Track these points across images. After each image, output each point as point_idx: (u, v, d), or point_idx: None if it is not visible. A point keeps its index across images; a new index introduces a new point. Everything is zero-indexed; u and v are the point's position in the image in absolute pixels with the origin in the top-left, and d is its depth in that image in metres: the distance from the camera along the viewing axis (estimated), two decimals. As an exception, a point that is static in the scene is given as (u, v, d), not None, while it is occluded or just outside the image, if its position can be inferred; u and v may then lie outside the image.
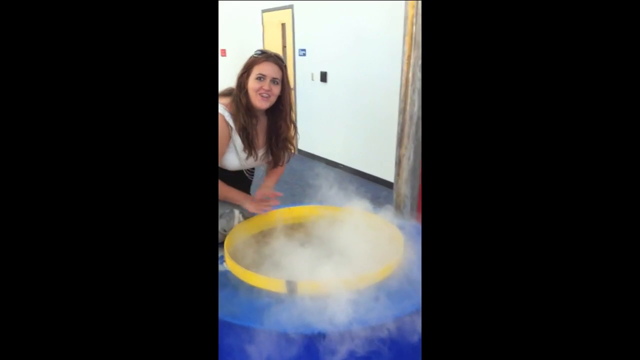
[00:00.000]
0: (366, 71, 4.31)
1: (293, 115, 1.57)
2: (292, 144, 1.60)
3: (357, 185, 1.50)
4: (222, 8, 6.96)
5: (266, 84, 1.41)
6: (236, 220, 1.51)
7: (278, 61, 1.44)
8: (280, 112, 1.51)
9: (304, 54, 5.33)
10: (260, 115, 1.50)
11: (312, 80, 5.22)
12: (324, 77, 5.01)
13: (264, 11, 6.03)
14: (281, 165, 1.66)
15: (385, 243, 1.38)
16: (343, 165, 4.93)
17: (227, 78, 1.54)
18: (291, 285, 1.12)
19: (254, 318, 1.02)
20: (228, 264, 1.26)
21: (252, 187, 1.76)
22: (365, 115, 4.44)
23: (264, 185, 1.64)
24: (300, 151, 5.83)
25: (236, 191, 1.50)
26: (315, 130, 5.43)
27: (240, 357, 1.04)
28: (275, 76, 1.43)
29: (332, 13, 4.67)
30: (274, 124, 1.54)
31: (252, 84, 1.41)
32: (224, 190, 1.48)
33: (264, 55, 1.43)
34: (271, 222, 1.57)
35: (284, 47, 5.77)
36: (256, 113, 1.47)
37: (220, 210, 1.48)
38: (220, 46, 7.01)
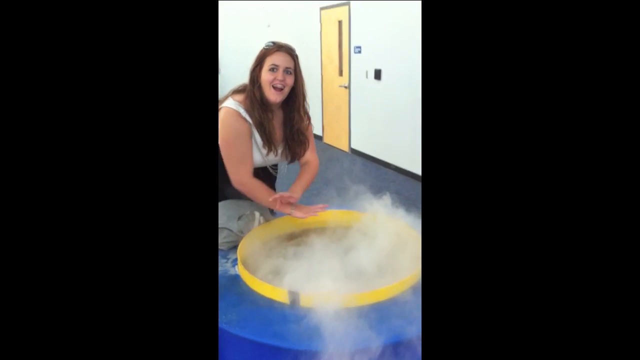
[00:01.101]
0: (420, 69, 4.14)
1: (307, 106, 1.51)
2: (305, 136, 1.53)
3: (408, 187, 1.42)
4: (281, 5, 7.04)
5: (280, 74, 1.38)
6: (256, 223, 1.49)
7: (290, 51, 1.41)
8: (294, 103, 1.47)
9: (359, 52, 5.24)
10: (275, 109, 1.46)
11: (367, 77, 5.13)
12: (378, 74, 4.90)
13: (322, 8, 6.01)
14: (308, 162, 1.59)
15: (405, 254, 1.30)
16: (394, 166, 4.80)
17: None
18: (293, 296, 1.07)
19: (249, 327, 0.99)
20: (239, 268, 1.24)
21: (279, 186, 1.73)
22: (419, 114, 4.28)
23: (293, 189, 1.54)
24: (354, 151, 5.76)
25: (265, 195, 1.42)
26: (369, 129, 5.34)
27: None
28: (288, 66, 1.39)
29: (388, 10, 4.55)
30: (288, 116, 1.49)
31: (265, 75, 1.38)
32: (264, 192, 1.42)
33: (276, 46, 1.39)
34: (289, 226, 1.53)
35: (340, 44, 5.72)
36: (271, 107, 1.44)
37: (240, 212, 1.46)
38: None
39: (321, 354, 0.91)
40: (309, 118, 1.54)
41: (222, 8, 9.05)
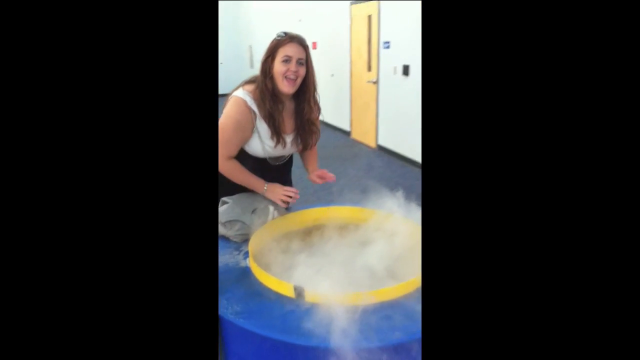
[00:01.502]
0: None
1: (317, 97, 1.53)
2: (316, 126, 1.55)
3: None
4: (312, 1, 7.03)
5: (293, 66, 1.38)
6: (270, 217, 1.50)
7: (302, 42, 1.41)
8: (305, 94, 1.48)
9: (388, 47, 5.18)
10: (286, 100, 1.47)
11: (395, 74, 5.07)
12: (406, 70, 4.83)
13: (352, 3, 5.97)
14: (310, 150, 1.64)
15: (414, 256, 1.28)
16: (420, 164, 4.73)
17: (319, 70, 1.56)
18: (298, 291, 1.08)
19: (255, 320, 1.00)
20: (250, 261, 1.25)
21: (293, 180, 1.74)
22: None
23: (311, 170, 1.65)
24: (380, 148, 5.71)
25: (251, 176, 1.48)
26: (396, 126, 5.28)
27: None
28: (300, 57, 1.40)
29: (417, 6, 4.47)
30: (299, 106, 1.50)
31: (278, 67, 1.38)
32: (238, 173, 1.47)
33: (288, 37, 1.39)
34: (303, 221, 1.53)
35: (370, 39, 5.67)
36: (282, 98, 1.45)
37: (254, 205, 1.48)
38: (312, 39, 7.10)
39: (326, 351, 0.91)
40: (319, 108, 1.55)
41: (255, 4, 9.13)
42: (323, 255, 1.32)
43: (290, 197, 1.47)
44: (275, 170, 1.59)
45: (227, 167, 1.46)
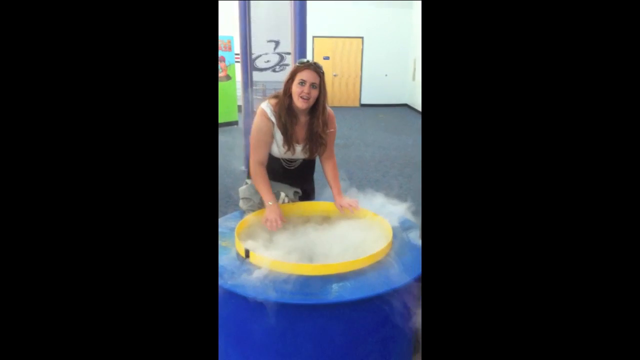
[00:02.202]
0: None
1: (326, 115, 1.81)
2: (323, 138, 1.83)
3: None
4: None
5: (306, 88, 1.70)
6: (280, 201, 1.84)
7: (317, 69, 1.71)
8: (316, 112, 1.78)
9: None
10: (301, 115, 1.80)
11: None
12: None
13: None
14: (328, 158, 1.92)
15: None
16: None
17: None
18: (247, 252, 1.41)
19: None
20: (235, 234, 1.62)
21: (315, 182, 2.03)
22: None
23: (336, 193, 1.89)
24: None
25: (266, 188, 1.75)
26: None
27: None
28: (314, 81, 1.70)
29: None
30: (310, 121, 1.81)
31: (295, 88, 1.72)
32: (258, 180, 1.78)
33: (305, 64, 1.71)
34: (305, 211, 1.84)
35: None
36: (297, 113, 1.78)
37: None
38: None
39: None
40: (327, 126, 1.83)
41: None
42: (298, 236, 1.62)
43: (273, 225, 1.65)
44: (293, 173, 1.94)
45: (253, 172, 1.79)
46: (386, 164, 5.11)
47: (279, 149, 1.82)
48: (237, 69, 6.79)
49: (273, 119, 1.76)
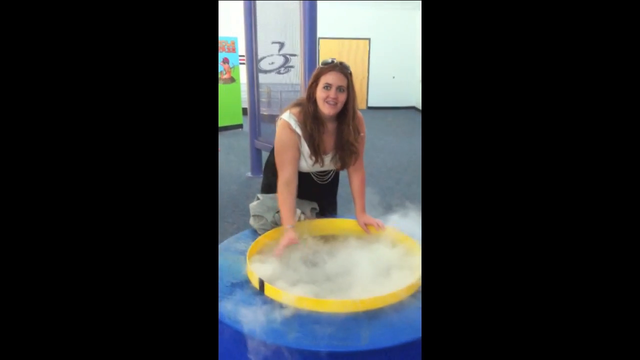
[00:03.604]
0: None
1: (357, 120, 1.59)
2: (355, 147, 1.61)
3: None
4: None
5: (332, 93, 1.49)
6: (296, 219, 1.64)
7: (343, 69, 1.49)
8: (345, 117, 1.56)
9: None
10: (328, 122, 1.58)
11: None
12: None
13: None
14: (356, 171, 1.70)
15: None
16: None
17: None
18: (261, 284, 1.21)
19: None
20: (247, 258, 1.41)
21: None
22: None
23: (360, 209, 1.68)
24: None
25: (288, 210, 1.54)
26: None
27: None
28: (340, 84, 1.49)
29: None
30: (339, 128, 1.59)
31: (319, 93, 1.50)
32: (281, 201, 1.56)
33: (330, 66, 1.49)
34: (322, 229, 1.63)
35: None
36: (323, 120, 1.56)
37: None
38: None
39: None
40: (359, 131, 1.61)
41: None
42: (317, 261, 1.42)
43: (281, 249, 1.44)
44: (325, 189, 1.73)
45: (279, 190, 1.57)
46: (399, 170, 4.89)
47: (306, 162, 1.61)
48: (242, 71, 6.60)
49: (298, 130, 1.55)
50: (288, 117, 1.56)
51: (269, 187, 1.74)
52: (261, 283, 1.21)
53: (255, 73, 4.36)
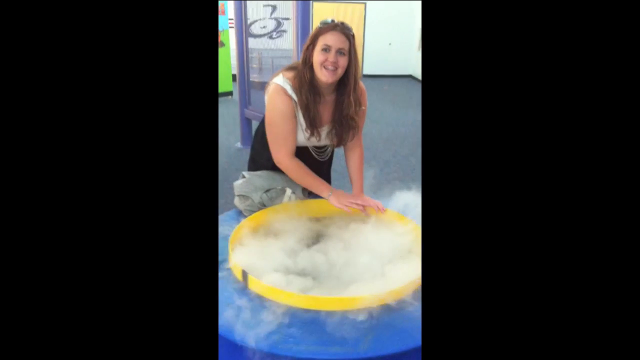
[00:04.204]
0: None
1: (358, 91, 1.41)
2: (355, 121, 1.44)
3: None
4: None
5: (331, 56, 1.30)
6: (285, 199, 1.49)
7: (345, 30, 1.31)
8: (345, 87, 1.38)
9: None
10: (326, 91, 1.40)
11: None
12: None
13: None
14: (354, 148, 1.54)
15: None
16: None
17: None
18: (244, 275, 1.06)
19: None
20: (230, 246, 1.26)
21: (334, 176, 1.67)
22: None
23: (357, 189, 1.54)
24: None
25: (316, 179, 1.42)
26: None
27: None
28: (341, 47, 1.30)
29: None
30: (339, 99, 1.41)
31: (317, 56, 1.32)
32: (302, 174, 1.43)
33: (330, 25, 1.30)
34: (313, 210, 1.48)
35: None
36: (320, 89, 1.38)
37: (271, 185, 1.48)
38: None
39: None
40: (360, 103, 1.43)
41: None
42: (309, 248, 1.27)
43: (361, 205, 1.40)
44: (323, 166, 1.57)
45: (291, 166, 1.42)
46: (395, 142, 4.70)
47: (303, 135, 1.43)
48: (232, 35, 6.28)
49: (294, 96, 1.36)
50: (283, 82, 1.37)
51: (257, 162, 1.58)
52: (244, 275, 1.06)
53: (245, 37, 4.11)
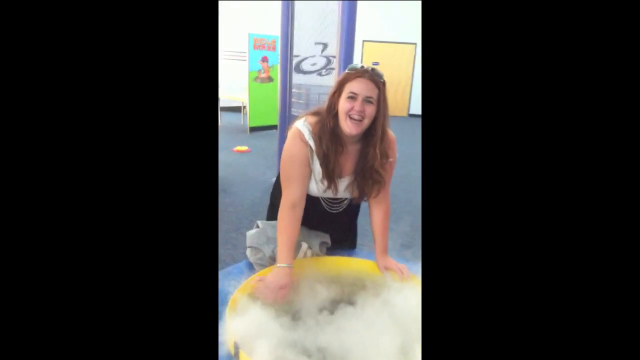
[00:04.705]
0: None
1: (386, 142, 1.27)
2: (381, 175, 1.29)
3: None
4: None
5: (358, 104, 1.18)
6: (301, 254, 1.35)
7: (374, 77, 1.18)
8: (372, 137, 1.25)
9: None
10: (349, 141, 1.28)
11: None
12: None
13: None
14: (379, 203, 1.38)
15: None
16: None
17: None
18: (236, 350, 0.93)
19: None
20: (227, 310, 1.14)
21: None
22: None
23: (380, 250, 1.36)
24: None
25: (286, 243, 1.24)
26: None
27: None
28: (369, 95, 1.18)
29: None
30: (363, 150, 1.28)
31: (342, 104, 1.20)
32: (282, 228, 1.26)
33: (358, 71, 1.19)
34: (330, 269, 1.33)
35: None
36: (343, 140, 1.26)
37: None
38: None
39: None
40: (387, 156, 1.29)
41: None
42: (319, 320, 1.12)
43: (269, 295, 1.15)
44: (335, 219, 1.41)
45: (280, 215, 1.27)
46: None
47: (317, 185, 1.31)
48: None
49: (311, 143, 1.25)
50: (302, 126, 1.26)
51: (275, 211, 1.46)
52: (236, 349, 0.93)
53: (290, 71, 4.14)
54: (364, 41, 9.66)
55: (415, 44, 9.81)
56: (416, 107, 10.03)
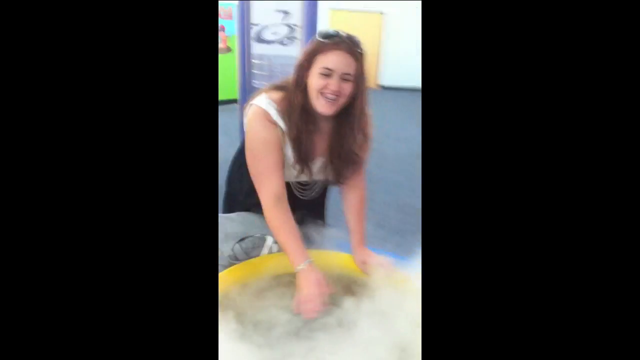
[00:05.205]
0: None
1: (366, 120, 1.07)
2: (358, 156, 1.10)
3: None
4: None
5: (333, 83, 0.96)
6: (265, 250, 1.13)
7: (352, 48, 0.96)
8: (348, 116, 1.04)
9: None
10: (322, 119, 1.05)
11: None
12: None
13: None
14: (353, 187, 1.17)
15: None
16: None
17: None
18: None
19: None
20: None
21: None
22: None
23: (356, 241, 1.13)
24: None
25: (293, 240, 1.00)
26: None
27: None
28: (347, 71, 0.96)
29: None
30: (338, 129, 1.07)
31: (314, 80, 0.97)
32: (278, 227, 1.02)
33: (333, 40, 0.95)
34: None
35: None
36: (315, 117, 1.03)
37: (247, 231, 1.13)
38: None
39: None
40: (365, 135, 1.09)
41: None
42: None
43: (313, 309, 0.93)
44: (306, 205, 1.19)
45: (272, 214, 1.02)
46: (410, 162, 4.25)
47: (288, 170, 1.08)
48: (241, 41, 6.01)
49: (281, 123, 1.02)
50: (266, 105, 1.02)
51: (233, 200, 1.23)
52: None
53: (247, 41, 3.84)
54: (330, 9, 9.28)
55: (382, 13, 9.52)
56: (386, 79, 9.81)
